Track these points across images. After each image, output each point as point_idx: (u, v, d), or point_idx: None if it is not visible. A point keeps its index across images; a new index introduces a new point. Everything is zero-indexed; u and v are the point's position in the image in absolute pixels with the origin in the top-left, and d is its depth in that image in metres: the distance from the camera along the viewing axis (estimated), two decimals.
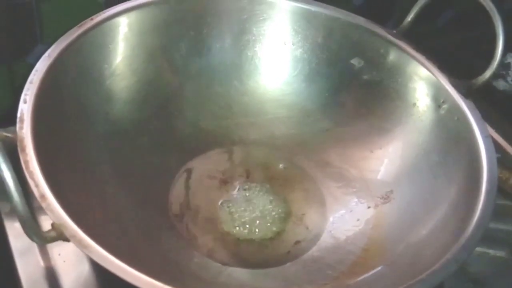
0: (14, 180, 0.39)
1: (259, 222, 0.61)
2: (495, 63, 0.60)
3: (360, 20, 0.67)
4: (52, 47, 0.55)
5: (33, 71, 0.52)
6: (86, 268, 0.56)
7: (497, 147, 0.57)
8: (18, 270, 0.55)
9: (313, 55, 0.69)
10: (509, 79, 0.83)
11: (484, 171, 0.54)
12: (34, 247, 0.57)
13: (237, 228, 0.60)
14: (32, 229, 0.41)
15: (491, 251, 0.63)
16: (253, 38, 0.69)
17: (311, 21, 0.68)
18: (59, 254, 0.56)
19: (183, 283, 0.43)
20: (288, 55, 0.70)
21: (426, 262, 0.48)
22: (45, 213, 0.44)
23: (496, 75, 0.62)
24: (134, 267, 0.41)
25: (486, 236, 0.50)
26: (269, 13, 0.68)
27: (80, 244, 0.42)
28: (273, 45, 0.70)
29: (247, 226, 0.61)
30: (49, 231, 0.43)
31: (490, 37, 0.60)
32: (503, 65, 0.61)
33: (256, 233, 0.60)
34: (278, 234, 0.61)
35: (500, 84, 0.83)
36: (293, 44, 0.70)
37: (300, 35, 0.69)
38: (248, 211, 0.62)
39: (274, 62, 0.70)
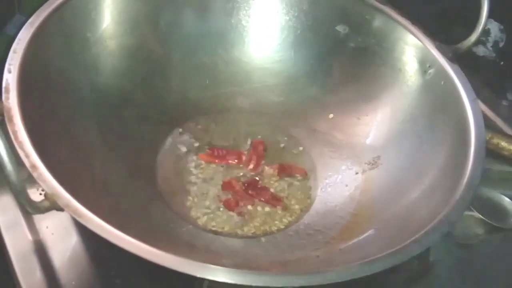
0: (7, 149, 0.38)
1: None
2: (480, 26, 0.60)
3: None
4: (34, 15, 0.54)
5: (16, 40, 0.51)
6: (74, 240, 0.55)
7: None
8: (6, 244, 0.54)
9: (298, 22, 0.69)
10: (489, 45, 0.83)
11: (472, 134, 0.54)
12: (21, 220, 0.56)
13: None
14: (26, 199, 0.40)
15: (476, 214, 0.64)
16: (237, 5, 0.69)
17: None
18: (47, 227, 0.56)
19: (177, 251, 0.42)
20: (273, 22, 0.70)
21: (417, 225, 0.48)
22: (31, 186, 0.43)
23: (478, 40, 0.62)
24: (130, 235, 0.41)
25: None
26: None
27: (75, 213, 0.41)
28: (258, 12, 0.69)
29: None
30: (42, 201, 0.42)
31: (471, 4, 0.60)
32: (483, 31, 0.61)
33: None
34: None
35: (480, 50, 0.84)
36: (278, 11, 0.69)
37: (285, 2, 0.69)
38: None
39: (259, 30, 0.70)
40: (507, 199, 0.66)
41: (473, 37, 0.61)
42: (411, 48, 0.64)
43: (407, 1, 0.71)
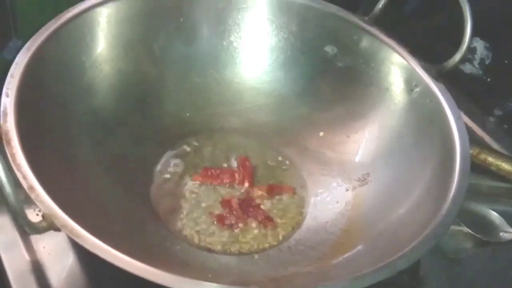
0: (5, 171, 0.39)
1: None
2: (464, 46, 0.61)
3: (333, 8, 0.69)
4: (31, 40, 0.55)
5: (13, 65, 0.52)
6: (71, 259, 0.56)
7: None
8: (3, 264, 0.55)
9: (288, 44, 0.71)
10: (475, 62, 0.85)
11: (457, 151, 0.56)
12: (19, 241, 0.57)
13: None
14: (24, 220, 0.41)
15: (465, 229, 0.65)
16: (228, 28, 0.70)
17: (285, 10, 0.69)
18: (44, 247, 0.57)
19: (172, 269, 0.43)
20: (263, 44, 0.71)
21: (405, 240, 0.49)
22: (29, 207, 0.44)
23: (463, 59, 0.63)
24: (126, 254, 0.42)
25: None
26: (244, 3, 0.69)
27: (72, 233, 0.42)
28: (249, 34, 0.71)
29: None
30: (40, 221, 0.43)
31: (455, 23, 0.62)
32: (469, 49, 0.62)
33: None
34: None
35: (467, 68, 0.86)
36: (268, 33, 0.71)
37: (274, 24, 0.70)
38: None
39: (250, 51, 0.71)
40: (494, 213, 0.68)
41: (458, 56, 0.62)
42: (397, 68, 0.65)
43: (394, 20, 0.72)
